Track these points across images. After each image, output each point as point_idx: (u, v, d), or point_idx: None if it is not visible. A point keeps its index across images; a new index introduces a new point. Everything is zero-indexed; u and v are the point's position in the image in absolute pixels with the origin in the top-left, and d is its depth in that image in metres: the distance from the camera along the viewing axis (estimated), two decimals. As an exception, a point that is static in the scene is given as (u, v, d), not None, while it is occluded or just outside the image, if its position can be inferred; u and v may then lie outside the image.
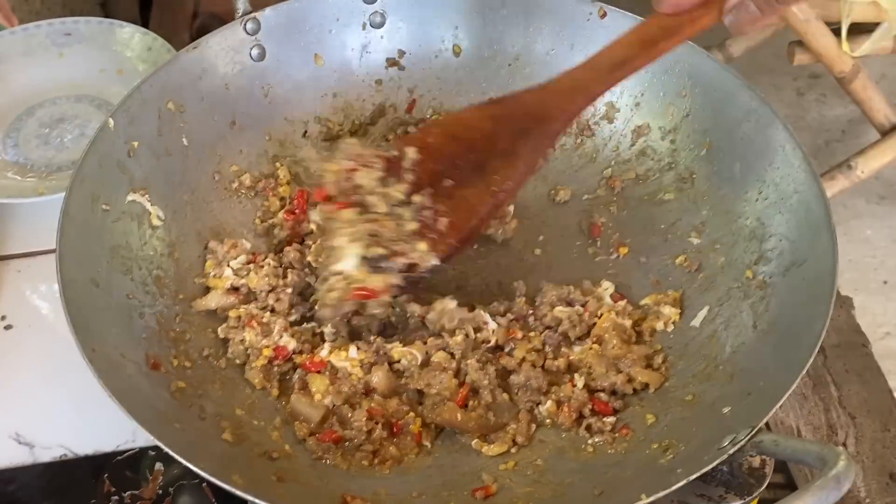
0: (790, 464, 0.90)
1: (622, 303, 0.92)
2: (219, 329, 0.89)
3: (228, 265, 0.92)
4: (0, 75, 1.22)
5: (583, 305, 0.92)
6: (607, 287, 0.94)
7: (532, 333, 0.90)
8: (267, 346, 0.86)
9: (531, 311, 0.92)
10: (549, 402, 0.85)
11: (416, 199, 0.84)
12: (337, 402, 0.85)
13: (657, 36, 0.77)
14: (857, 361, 1.01)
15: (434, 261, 0.83)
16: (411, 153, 0.84)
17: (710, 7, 0.74)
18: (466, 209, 0.83)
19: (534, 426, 0.84)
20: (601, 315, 0.90)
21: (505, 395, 0.86)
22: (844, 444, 0.94)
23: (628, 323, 0.89)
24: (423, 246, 0.83)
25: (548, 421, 0.85)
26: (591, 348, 0.88)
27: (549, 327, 0.91)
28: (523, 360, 0.88)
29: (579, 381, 0.86)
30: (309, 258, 0.94)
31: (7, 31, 1.24)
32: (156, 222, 0.91)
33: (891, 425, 0.96)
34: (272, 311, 0.91)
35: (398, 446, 0.83)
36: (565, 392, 0.85)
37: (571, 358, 0.88)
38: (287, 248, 0.96)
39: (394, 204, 0.84)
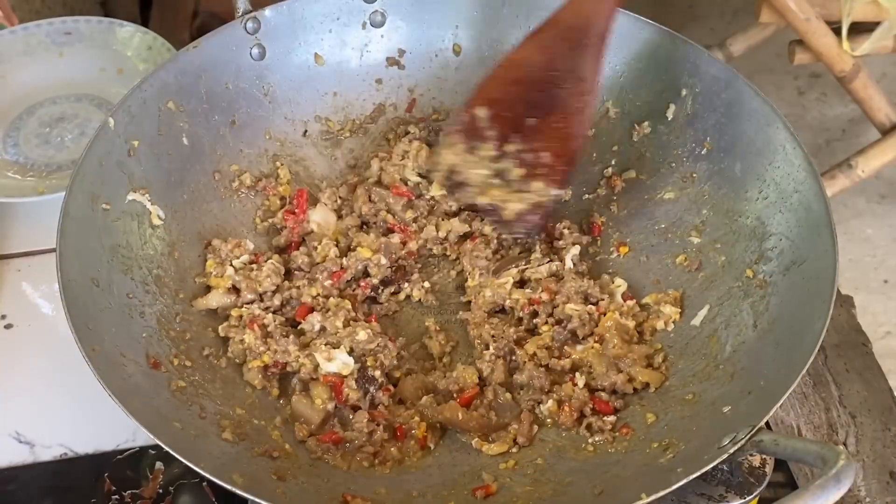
0: (790, 463, 0.89)
1: (630, 303, 0.92)
2: (220, 327, 0.89)
3: (231, 264, 0.92)
4: (0, 74, 1.22)
5: (595, 304, 0.91)
6: (620, 284, 0.94)
7: (545, 327, 0.90)
8: (265, 353, 0.86)
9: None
10: (549, 402, 0.85)
11: (510, 147, 0.87)
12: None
13: None
14: (857, 361, 1.01)
15: (555, 191, 0.87)
16: (482, 113, 0.87)
17: None
18: (560, 134, 0.86)
19: (536, 427, 0.84)
20: (605, 314, 0.90)
21: (508, 395, 0.86)
22: (845, 444, 0.94)
23: (631, 324, 0.89)
24: (538, 185, 0.86)
25: (548, 420, 0.85)
26: (592, 347, 0.88)
27: (558, 322, 0.91)
28: (533, 355, 0.88)
29: (580, 381, 0.86)
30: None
31: (7, 31, 1.24)
32: (156, 221, 0.91)
33: (891, 424, 0.95)
34: (274, 311, 0.91)
35: (400, 449, 0.83)
36: (566, 391, 0.85)
37: (573, 357, 0.88)
38: (295, 253, 0.96)
39: (491, 161, 0.87)
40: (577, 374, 0.86)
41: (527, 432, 0.83)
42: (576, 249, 0.96)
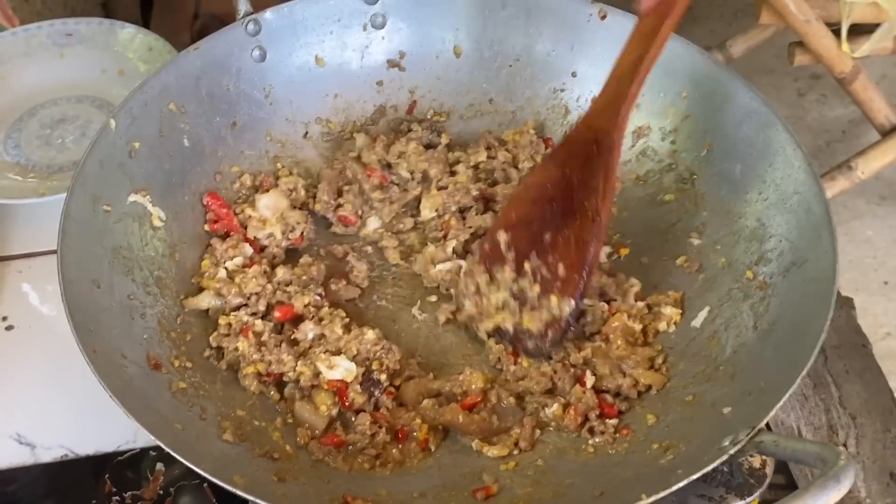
0: (791, 464, 0.89)
1: (640, 304, 0.91)
2: (210, 338, 0.88)
3: (224, 266, 0.92)
4: (1, 76, 1.22)
5: (608, 302, 0.91)
6: (634, 284, 0.94)
7: None
8: (260, 362, 0.85)
9: None
10: (555, 406, 0.85)
11: (527, 266, 0.88)
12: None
13: (655, 25, 0.83)
14: (857, 362, 1.01)
15: (570, 304, 0.87)
16: (503, 237, 0.89)
17: None
18: (575, 246, 0.87)
19: (538, 432, 0.84)
20: (614, 313, 0.90)
21: (511, 399, 0.86)
22: (845, 445, 0.94)
23: (638, 327, 0.89)
24: (553, 300, 0.87)
25: (552, 424, 0.85)
26: (599, 347, 0.88)
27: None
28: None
29: (589, 382, 0.85)
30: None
31: (8, 32, 1.24)
32: (157, 223, 0.91)
33: (891, 426, 0.95)
34: (263, 317, 0.90)
35: (402, 451, 0.83)
36: (575, 394, 0.85)
37: (581, 354, 0.88)
38: (280, 268, 0.93)
39: (510, 285, 0.88)
40: (588, 374, 0.86)
41: (528, 437, 0.83)
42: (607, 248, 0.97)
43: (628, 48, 0.86)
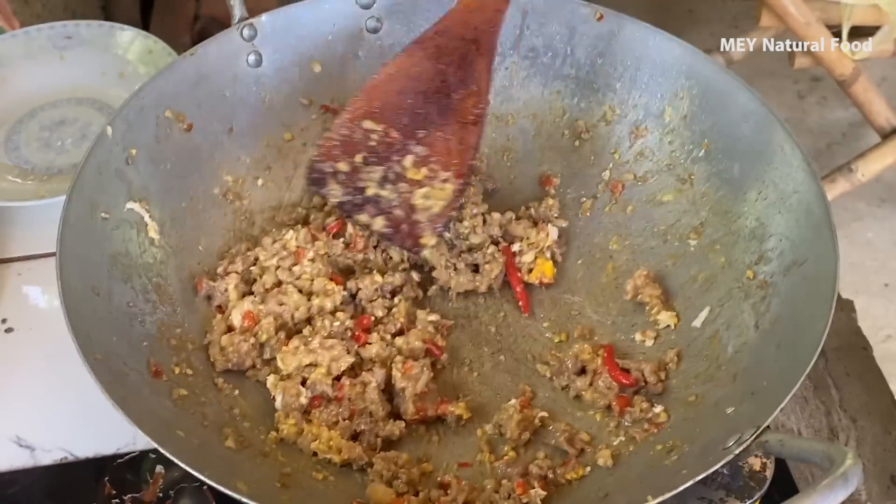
0: (791, 468, 0.89)
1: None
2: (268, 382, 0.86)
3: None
4: (1, 78, 1.22)
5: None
6: None
7: None
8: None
9: None
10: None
11: (404, 163, 0.85)
12: None
13: None
14: (858, 364, 1.01)
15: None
16: (369, 125, 0.85)
17: None
18: (457, 148, 0.85)
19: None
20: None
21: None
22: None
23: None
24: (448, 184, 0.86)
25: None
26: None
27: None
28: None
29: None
30: None
31: (8, 34, 1.24)
32: (155, 230, 0.91)
33: (892, 428, 0.95)
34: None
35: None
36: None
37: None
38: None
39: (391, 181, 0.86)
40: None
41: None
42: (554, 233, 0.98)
43: None
